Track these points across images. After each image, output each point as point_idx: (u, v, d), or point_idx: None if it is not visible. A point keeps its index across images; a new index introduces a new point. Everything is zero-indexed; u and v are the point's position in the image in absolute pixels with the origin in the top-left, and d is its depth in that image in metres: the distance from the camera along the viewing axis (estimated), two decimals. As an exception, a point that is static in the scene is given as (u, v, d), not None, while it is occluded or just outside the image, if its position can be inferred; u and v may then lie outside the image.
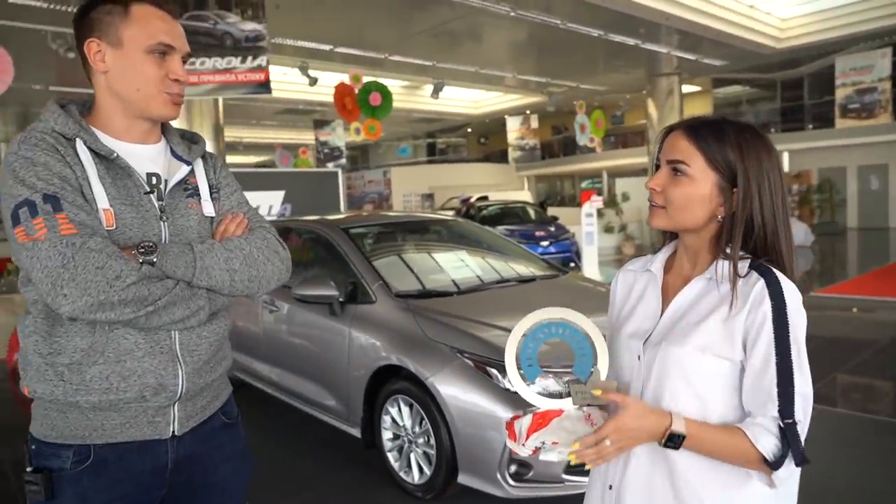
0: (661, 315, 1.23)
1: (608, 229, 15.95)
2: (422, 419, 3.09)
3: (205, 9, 6.32)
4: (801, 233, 14.83)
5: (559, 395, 1.16)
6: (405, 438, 3.22)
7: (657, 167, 1.22)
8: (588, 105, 17.55)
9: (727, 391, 1.14)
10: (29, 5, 8.97)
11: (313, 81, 13.65)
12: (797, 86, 20.61)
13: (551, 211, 16.02)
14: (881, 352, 5.79)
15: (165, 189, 1.36)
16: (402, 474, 3.23)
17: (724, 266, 1.16)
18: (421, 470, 3.13)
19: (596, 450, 1.09)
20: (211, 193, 1.45)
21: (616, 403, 1.11)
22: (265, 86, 6.53)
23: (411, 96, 20.70)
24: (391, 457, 3.29)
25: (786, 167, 19.30)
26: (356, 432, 3.50)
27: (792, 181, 18.78)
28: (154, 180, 1.35)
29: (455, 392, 2.89)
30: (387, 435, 3.32)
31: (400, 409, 3.22)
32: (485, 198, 16.27)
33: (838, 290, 8.93)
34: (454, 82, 18.14)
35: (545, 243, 10.81)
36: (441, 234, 4.74)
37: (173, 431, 1.34)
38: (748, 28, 13.98)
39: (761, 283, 1.12)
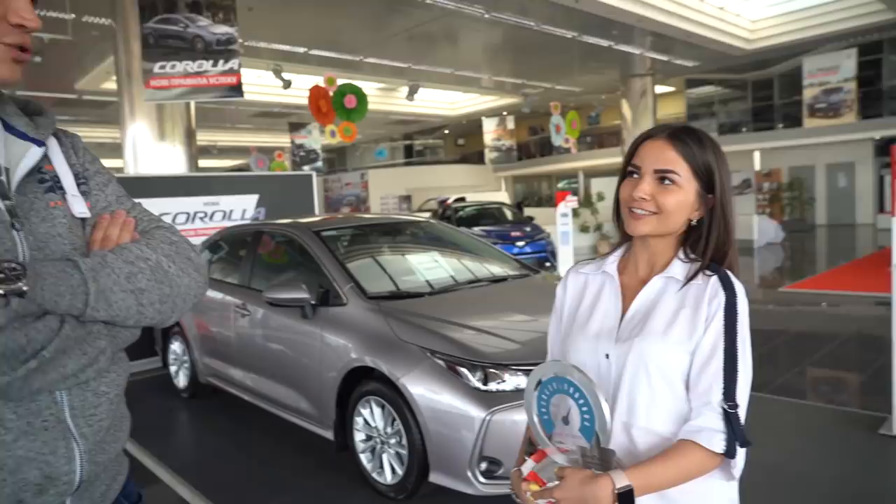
0: (623, 314, 1.25)
1: (584, 229, 16.09)
2: (394, 420, 3.10)
3: (174, 12, 6.28)
4: (771, 230, 15.12)
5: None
6: (377, 439, 3.23)
7: (630, 173, 1.23)
8: (563, 106, 17.70)
9: (684, 383, 1.18)
10: None
11: (287, 84, 13.60)
12: (767, 86, 20.98)
13: (528, 211, 16.13)
14: (845, 344, 5.93)
15: (9, 182, 0.95)
16: (374, 475, 3.23)
17: (682, 266, 1.23)
18: (393, 470, 3.14)
19: None
20: (78, 185, 1.04)
21: (564, 475, 1.11)
22: (237, 89, 6.50)
23: (388, 98, 20.70)
24: (364, 458, 3.30)
25: (756, 166, 19.65)
26: (329, 435, 3.50)
27: (763, 179, 19.11)
28: None
29: (425, 392, 2.91)
30: (359, 436, 3.32)
31: (372, 411, 3.23)
32: (462, 199, 16.32)
33: (807, 285, 9.12)
34: (430, 84, 18.20)
35: (521, 243, 10.87)
36: (413, 235, 4.75)
37: None
38: (719, 29, 14.24)
39: (715, 277, 1.19)
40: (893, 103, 18.50)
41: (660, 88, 19.33)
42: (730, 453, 1.10)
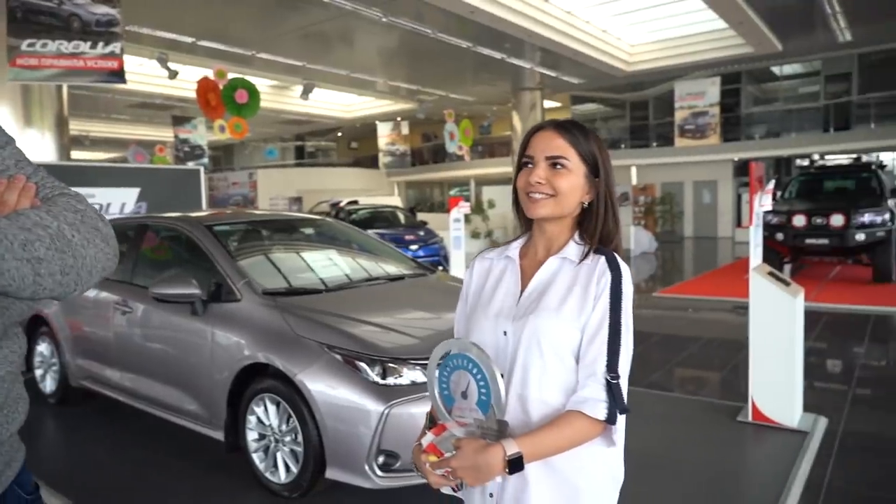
0: (521, 293, 1.34)
1: (475, 235, 16.54)
2: (289, 417, 3.05)
3: (48, -14, 5.79)
4: (646, 240, 16.27)
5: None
6: (271, 438, 3.16)
7: (525, 164, 1.33)
8: (457, 114, 18.08)
9: (574, 357, 1.27)
10: None
11: (173, 75, 12.91)
12: (643, 107, 22.58)
13: (421, 216, 16.28)
14: (708, 343, 6.53)
15: None
16: (267, 475, 3.16)
17: (576, 248, 1.33)
18: (288, 469, 3.09)
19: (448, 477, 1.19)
20: None
21: (461, 446, 1.18)
22: (119, 74, 6.09)
23: (280, 97, 20.15)
24: (256, 458, 3.22)
25: (633, 180, 21.05)
26: (219, 436, 3.38)
27: (639, 193, 20.52)
28: None
29: (323, 387, 2.89)
30: (252, 436, 3.24)
31: (266, 409, 3.16)
32: (355, 202, 16.20)
33: (676, 290, 9.91)
34: (325, 85, 17.92)
35: (414, 247, 10.99)
36: (310, 233, 4.69)
37: None
38: (602, 51, 15.15)
39: (603, 258, 1.30)
40: (749, 129, 20.57)
41: (548, 103, 20.22)
42: (611, 420, 1.20)
